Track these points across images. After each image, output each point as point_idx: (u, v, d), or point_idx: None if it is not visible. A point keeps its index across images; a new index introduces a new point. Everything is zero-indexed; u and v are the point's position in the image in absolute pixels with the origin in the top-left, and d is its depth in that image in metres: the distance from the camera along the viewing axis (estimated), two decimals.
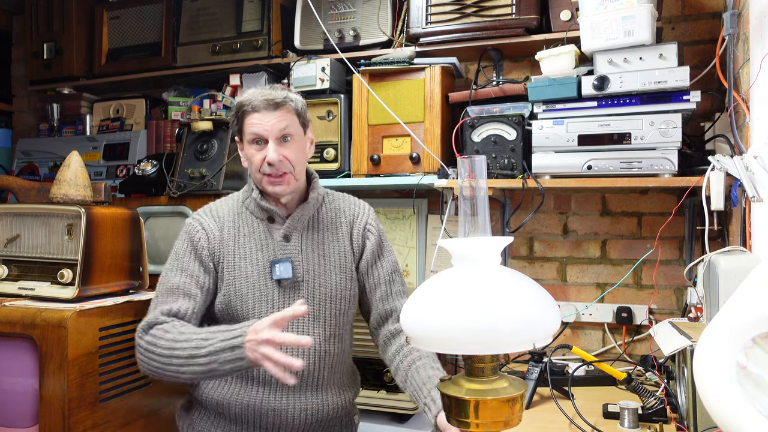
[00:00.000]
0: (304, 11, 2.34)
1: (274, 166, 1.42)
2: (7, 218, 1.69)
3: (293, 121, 1.46)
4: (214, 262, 1.48)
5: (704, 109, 1.99)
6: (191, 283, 1.44)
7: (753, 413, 0.73)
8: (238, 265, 1.47)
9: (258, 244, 1.49)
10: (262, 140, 1.44)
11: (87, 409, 1.45)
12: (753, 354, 0.78)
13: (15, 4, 3.05)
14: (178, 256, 1.48)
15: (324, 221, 1.55)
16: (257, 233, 1.50)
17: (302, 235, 1.51)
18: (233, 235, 1.49)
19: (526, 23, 2.04)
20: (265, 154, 1.42)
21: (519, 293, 0.83)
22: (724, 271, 1.36)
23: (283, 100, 1.44)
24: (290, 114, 1.46)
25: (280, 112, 1.44)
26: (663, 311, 2.11)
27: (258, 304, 1.45)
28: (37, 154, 2.77)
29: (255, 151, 1.45)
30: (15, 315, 1.46)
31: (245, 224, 1.51)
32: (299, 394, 1.44)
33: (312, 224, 1.54)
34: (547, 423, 1.49)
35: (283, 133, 1.44)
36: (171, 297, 1.43)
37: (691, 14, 2.12)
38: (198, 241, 1.48)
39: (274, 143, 1.43)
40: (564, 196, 2.24)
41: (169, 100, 2.65)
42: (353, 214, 1.59)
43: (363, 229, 1.57)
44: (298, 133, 1.48)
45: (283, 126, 1.44)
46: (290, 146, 1.45)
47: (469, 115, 2.04)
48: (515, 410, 0.85)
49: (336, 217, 1.57)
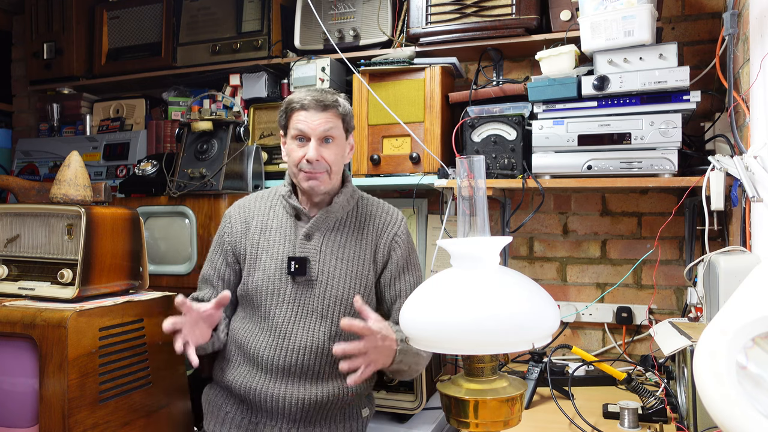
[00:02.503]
0: (304, 11, 2.34)
1: (312, 164, 1.49)
2: (7, 218, 1.69)
3: (338, 124, 1.53)
4: (237, 255, 1.61)
5: (704, 109, 1.99)
6: (214, 275, 1.62)
7: (753, 413, 0.73)
8: (260, 257, 1.56)
9: (282, 239, 1.56)
10: (305, 138, 1.51)
11: (87, 409, 1.45)
12: (753, 354, 0.78)
13: (15, 4, 3.05)
14: (212, 247, 1.67)
15: (352, 226, 1.59)
16: (284, 228, 1.58)
17: (324, 235, 1.56)
18: (260, 229, 1.59)
19: (526, 23, 2.04)
20: (305, 152, 1.49)
21: (518, 293, 0.83)
22: (724, 271, 1.36)
23: (332, 103, 1.52)
24: (336, 117, 1.53)
25: (327, 114, 1.51)
26: (663, 311, 2.11)
27: (271, 297, 1.52)
28: (37, 154, 2.77)
29: (296, 146, 1.52)
30: (15, 315, 1.46)
31: (275, 217, 1.60)
32: (298, 384, 1.50)
33: (338, 227, 1.58)
34: (547, 423, 1.49)
35: (326, 134, 1.51)
36: (201, 284, 1.65)
37: (691, 14, 2.12)
38: (224, 235, 1.63)
39: (316, 142, 1.50)
40: (564, 196, 2.24)
41: (169, 100, 2.65)
42: (384, 222, 1.62)
43: (391, 240, 1.60)
44: (340, 137, 1.55)
45: (328, 127, 1.51)
46: (331, 148, 1.52)
47: (469, 115, 2.04)
48: (515, 410, 0.85)
49: (365, 223, 1.61)
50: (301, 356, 1.49)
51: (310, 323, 1.51)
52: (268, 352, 1.50)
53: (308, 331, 1.50)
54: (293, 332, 1.50)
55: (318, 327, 1.51)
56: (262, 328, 1.52)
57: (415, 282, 1.61)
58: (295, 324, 1.50)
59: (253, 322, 1.55)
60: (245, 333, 1.55)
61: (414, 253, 1.65)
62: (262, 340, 1.51)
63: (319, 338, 1.50)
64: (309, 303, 1.51)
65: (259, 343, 1.51)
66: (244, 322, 1.57)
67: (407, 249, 1.61)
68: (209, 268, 1.63)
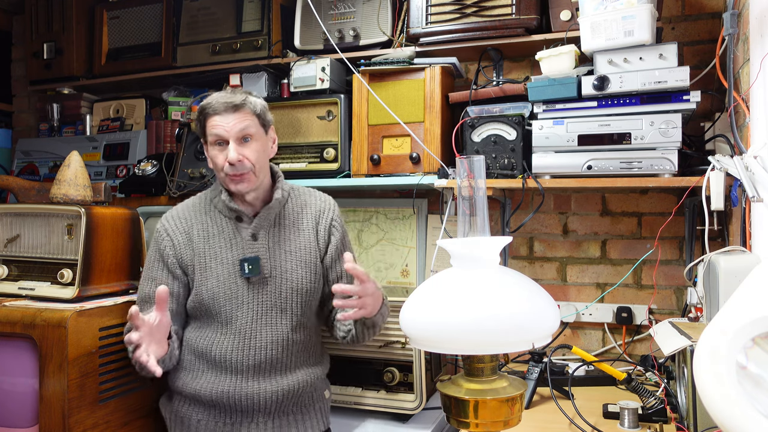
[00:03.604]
0: (304, 11, 2.34)
1: (235, 166, 1.50)
2: (7, 218, 1.69)
3: (253, 122, 1.55)
4: (182, 266, 1.57)
5: (704, 109, 1.99)
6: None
7: (753, 413, 0.73)
8: (209, 265, 1.56)
9: (227, 243, 1.57)
10: (224, 141, 1.52)
11: (87, 409, 1.45)
12: (753, 354, 0.78)
13: (15, 4, 3.05)
14: (148, 264, 1.61)
15: (290, 218, 1.64)
16: (226, 232, 1.58)
17: (269, 232, 1.59)
18: (203, 237, 1.58)
19: (526, 23, 2.04)
20: (226, 155, 1.51)
21: (518, 293, 0.83)
22: (724, 271, 1.36)
23: (241, 102, 1.53)
24: (249, 116, 1.54)
25: (240, 114, 1.52)
26: (663, 311, 2.11)
27: (229, 302, 1.54)
28: (37, 154, 2.77)
29: (217, 152, 1.54)
30: (15, 315, 1.46)
31: (214, 223, 1.59)
32: (270, 378, 1.53)
33: (278, 221, 1.62)
34: (547, 423, 1.49)
35: (242, 134, 1.53)
36: (143, 305, 1.55)
37: (691, 14, 2.11)
38: (164, 249, 1.58)
39: (235, 144, 1.51)
40: (564, 196, 2.24)
41: (169, 100, 2.65)
42: (319, 209, 1.67)
43: (329, 225, 1.67)
44: (258, 134, 1.56)
45: (243, 127, 1.52)
46: (250, 146, 1.54)
47: (469, 115, 2.04)
48: (515, 410, 0.85)
49: (301, 212, 1.66)
50: (268, 352, 1.52)
51: (271, 319, 1.54)
52: (236, 354, 1.51)
53: (271, 327, 1.54)
54: (257, 330, 1.53)
55: (280, 321, 1.55)
56: (224, 333, 1.53)
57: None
58: (258, 322, 1.53)
59: (212, 329, 1.55)
60: (206, 341, 1.54)
61: (347, 234, 1.73)
62: (226, 344, 1.52)
63: (282, 331, 1.54)
64: (267, 300, 1.55)
65: (224, 348, 1.52)
66: (201, 331, 1.56)
67: (342, 231, 1.69)
68: (151, 287, 1.55)
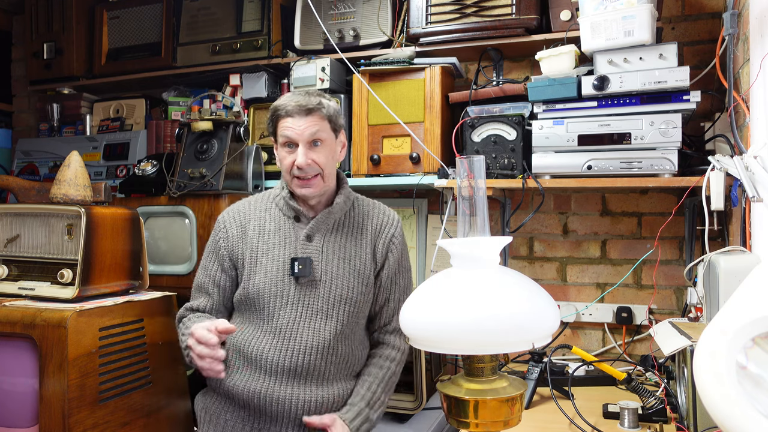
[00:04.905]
0: (304, 11, 2.34)
1: (303, 170, 1.50)
2: (7, 218, 1.69)
3: (324, 126, 1.53)
4: (233, 259, 1.58)
5: (704, 109, 1.99)
6: (209, 283, 1.60)
7: (753, 413, 0.73)
8: (260, 260, 1.55)
9: (281, 241, 1.56)
10: (293, 144, 1.51)
11: (87, 409, 1.45)
12: (753, 354, 0.78)
13: (15, 4, 3.05)
14: (205, 253, 1.65)
15: (349, 226, 1.60)
16: (283, 230, 1.57)
17: (325, 236, 1.57)
18: (258, 231, 1.58)
19: (526, 23, 2.04)
20: (295, 158, 1.50)
21: (518, 293, 0.83)
22: (724, 271, 1.36)
23: (315, 106, 1.51)
24: (322, 120, 1.52)
25: (312, 117, 1.50)
26: (663, 311, 2.11)
27: (273, 299, 1.52)
28: (37, 154, 2.77)
29: (286, 153, 1.53)
30: (15, 315, 1.46)
31: (272, 220, 1.59)
32: (304, 386, 1.49)
33: (337, 227, 1.59)
34: (547, 423, 1.49)
35: (313, 137, 1.51)
36: (195, 293, 1.63)
37: (691, 14, 2.12)
38: (218, 241, 1.60)
39: (304, 147, 1.50)
40: (564, 196, 2.24)
41: (169, 100, 2.65)
42: (381, 223, 1.63)
43: (389, 241, 1.62)
44: (328, 138, 1.55)
45: (314, 131, 1.50)
46: (320, 150, 1.52)
47: (469, 115, 2.04)
48: (515, 410, 0.85)
49: (363, 222, 1.62)
50: (306, 356, 1.48)
51: (314, 323, 1.51)
52: (273, 353, 1.49)
53: (313, 331, 1.50)
54: (298, 332, 1.50)
55: (323, 326, 1.51)
56: (265, 331, 1.52)
57: (405, 286, 1.66)
58: (300, 324, 1.50)
59: (254, 326, 1.54)
60: (246, 336, 1.54)
61: (407, 253, 1.68)
62: (265, 342, 1.50)
63: (324, 337, 1.50)
64: (313, 303, 1.52)
65: (263, 346, 1.50)
66: (244, 326, 1.56)
67: (402, 251, 1.65)
68: (204, 276, 1.61)
